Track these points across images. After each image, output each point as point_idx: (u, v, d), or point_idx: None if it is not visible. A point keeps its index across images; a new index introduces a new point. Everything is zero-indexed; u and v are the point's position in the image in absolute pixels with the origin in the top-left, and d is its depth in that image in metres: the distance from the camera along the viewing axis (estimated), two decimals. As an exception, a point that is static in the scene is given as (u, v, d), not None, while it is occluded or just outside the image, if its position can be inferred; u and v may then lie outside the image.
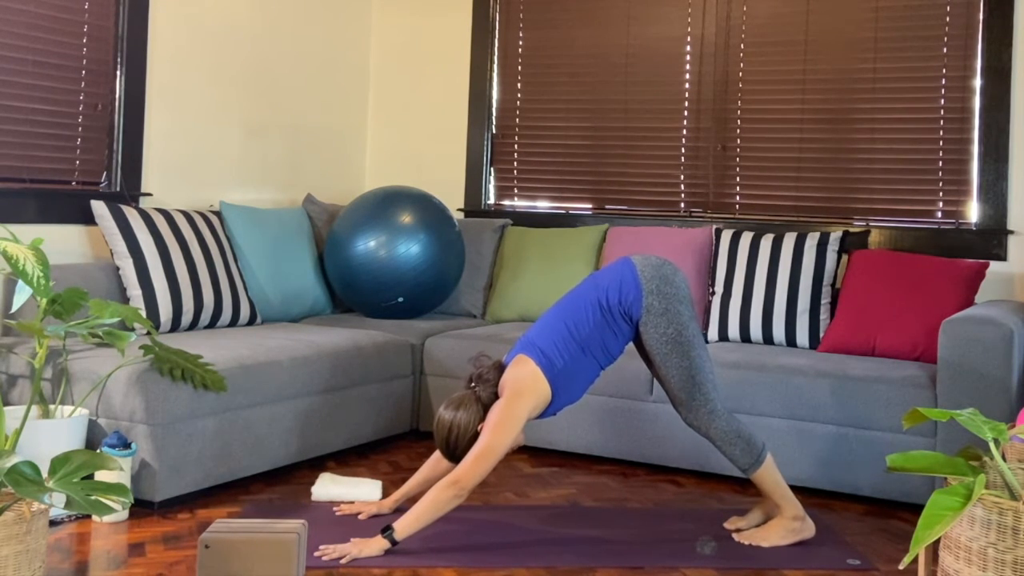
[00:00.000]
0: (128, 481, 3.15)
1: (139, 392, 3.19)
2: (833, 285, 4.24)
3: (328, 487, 3.44)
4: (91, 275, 3.81)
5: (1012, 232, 4.24)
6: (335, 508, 3.31)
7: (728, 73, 4.80)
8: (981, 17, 4.31)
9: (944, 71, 4.39)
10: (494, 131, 5.36)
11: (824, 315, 4.17)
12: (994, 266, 4.23)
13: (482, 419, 3.04)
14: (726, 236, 4.43)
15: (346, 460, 3.97)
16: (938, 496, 2.13)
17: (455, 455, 3.05)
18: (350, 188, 5.51)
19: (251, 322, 4.29)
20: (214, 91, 4.66)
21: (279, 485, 3.59)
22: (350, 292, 4.59)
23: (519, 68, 5.29)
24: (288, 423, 3.66)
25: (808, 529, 3.13)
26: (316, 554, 2.84)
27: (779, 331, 4.17)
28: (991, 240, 4.26)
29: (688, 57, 4.90)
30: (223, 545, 2.54)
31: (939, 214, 4.40)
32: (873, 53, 4.52)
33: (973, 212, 4.33)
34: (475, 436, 3.02)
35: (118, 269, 3.86)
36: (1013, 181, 4.25)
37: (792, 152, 4.66)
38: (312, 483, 3.54)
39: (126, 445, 3.14)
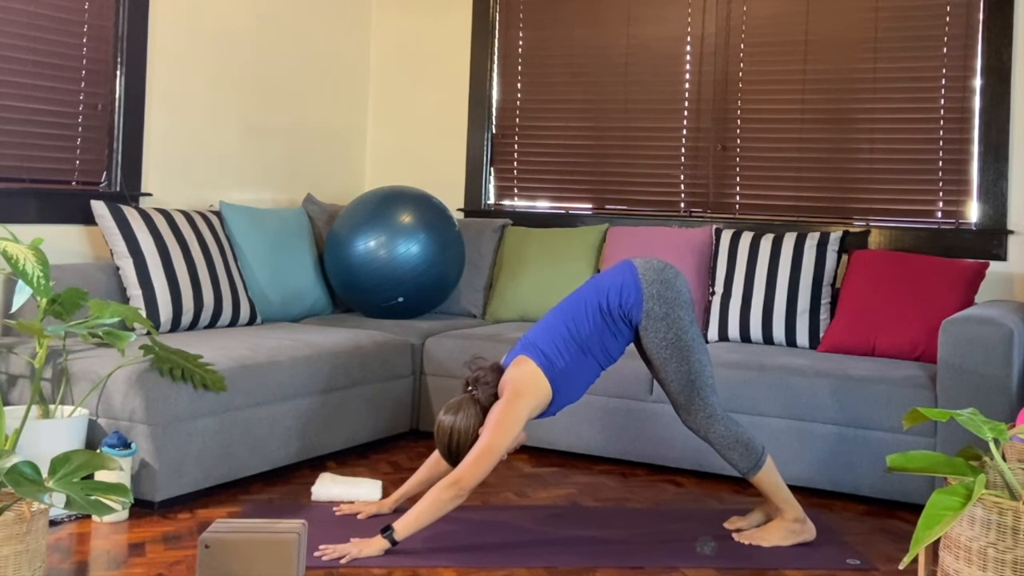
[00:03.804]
0: (128, 481, 3.15)
1: (139, 392, 3.19)
2: (833, 285, 4.24)
3: (328, 487, 3.43)
4: (91, 275, 3.81)
5: (1012, 232, 4.24)
6: (335, 508, 3.31)
7: (728, 73, 4.80)
8: (981, 17, 4.31)
9: (944, 71, 4.39)
10: (494, 131, 5.36)
11: (824, 315, 4.17)
12: (994, 266, 4.23)
13: (482, 422, 3.04)
14: (726, 236, 4.43)
15: (346, 460, 3.97)
16: (938, 496, 2.13)
17: (458, 460, 3.04)
18: (350, 188, 5.51)
19: (251, 322, 4.29)
20: (214, 91, 4.66)
21: (279, 485, 3.59)
22: (350, 292, 4.59)
23: (519, 68, 5.29)
24: (288, 423, 3.66)
25: (808, 531, 3.13)
26: (316, 554, 2.84)
27: (779, 331, 4.17)
28: (991, 240, 4.26)
29: (688, 57, 4.90)
30: (223, 545, 2.54)
31: (939, 214, 4.40)
32: (873, 53, 4.52)
33: (973, 212, 4.33)
34: (476, 439, 3.01)
35: (118, 269, 3.87)
36: (1013, 181, 4.25)
37: (792, 152, 4.66)
38: (312, 483, 3.54)
39: (126, 445, 3.14)
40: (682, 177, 4.91)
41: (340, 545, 2.87)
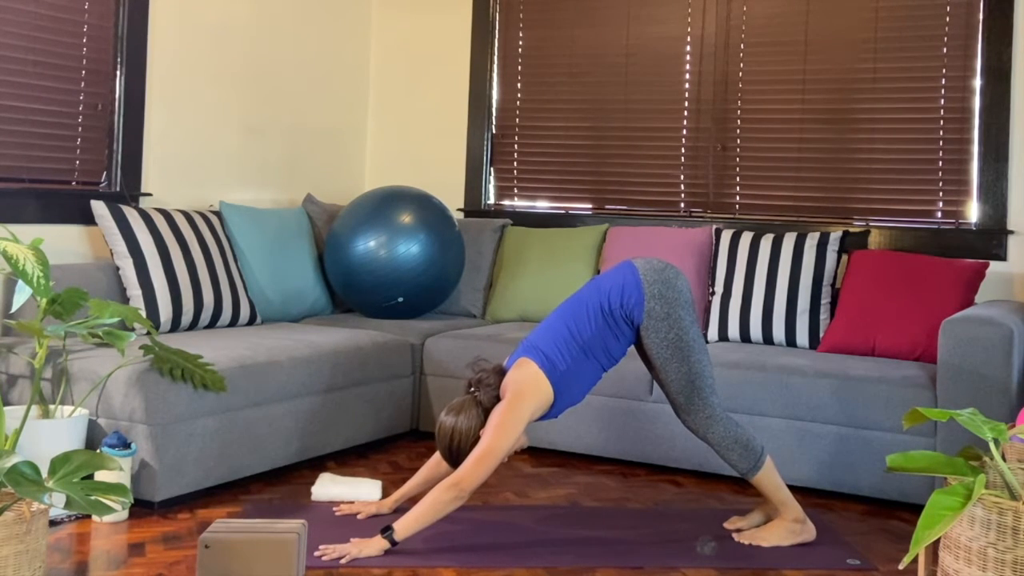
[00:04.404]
0: (128, 481, 3.15)
1: (139, 392, 3.19)
2: (833, 285, 4.24)
3: (328, 487, 3.44)
4: (91, 275, 3.81)
5: (1012, 232, 4.24)
6: (335, 508, 3.31)
7: (728, 73, 4.80)
8: (981, 17, 4.31)
9: (944, 71, 4.39)
10: (494, 131, 5.36)
11: (824, 315, 4.17)
12: (994, 266, 4.23)
13: (484, 423, 3.04)
14: (726, 236, 4.43)
15: (346, 460, 3.97)
16: (938, 496, 2.13)
17: (458, 461, 3.04)
18: (350, 188, 5.51)
19: (251, 322, 4.29)
20: (214, 91, 4.66)
21: (279, 485, 3.59)
22: (350, 292, 4.59)
23: (519, 68, 5.29)
24: (288, 423, 3.66)
25: (808, 532, 3.13)
26: (316, 554, 2.84)
27: (779, 331, 4.17)
28: (991, 240, 4.26)
29: (688, 57, 4.90)
30: (223, 545, 2.54)
31: (939, 214, 4.40)
32: (873, 53, 4.52)
33: (973, 212, 4.33)
34: (477, 441, 3.01)
35: (118, 269, 3.87)
36: (1013, 181, 4.25)
37: (792, 152, 4.66)
38: (312, 483, 3.54)
39: (126, 445, 3.14)
40: (682, 177, 4.91)
41: (340, 545, 2.87)
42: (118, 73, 4.21)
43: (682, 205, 4.90)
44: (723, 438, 3.09)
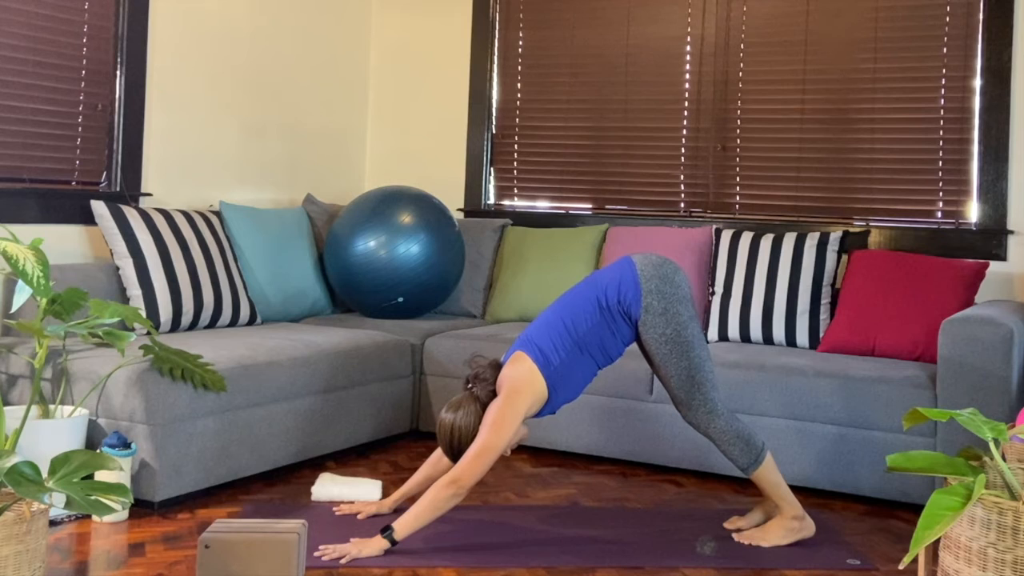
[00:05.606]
0: (128, 481, 3.15)
1: (139, 392, 3.19)
2: (833, 285, 4.24)
3: (328, 487, 3.44)
4: (91, 275, 3.81)
5: (1012, 232, 4.24)
6: (335, 508, 3.31)
7: (728, 73, 4.80)
8: (981, 17, 4.31)
9: (944, 71, 4.39)
10: (494, 131, 5.36)
11: (824, 315, 4.17)
12: (994, 266, 4.23)
13: (482, 418, 3.04)
14: (726, 236, 4.43)
15: (346, 460, 3.97)
16: (938, 496, 2.13)
17: (459, 457, 3.04)
18: (350, 188, 5.51)
19: (251, 322, 4.29)
20: (214, 91, 4.66)
21: (279, 485, 3.59)
22: (350, 292, 4.59)
23: (519, 68, 5.29)
24: (288, 423, 3.66)
25: (808, 528, 3.13)
26: (316, 554, 2.84)
27: (779, 331, 4.17)
28: (991, 240, 4.26)
29: (688, 57, 4.90)
30: (223, 545, 2.54)
31: (939, 214, 4.40)
32: (873, 53, 4.52)
33: (973, 212, 4.33)
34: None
35: (118, 269, 3.87)
36: (1013, 181, 4.25)
37: (792, 152, 4.66)
38: (312, 483, 3.54)
39: (126, 445, 3.14)
40: (682, 177, 4.91)
41: (340, 545, 2.87)
42: (118, 73, 4.21)
43: (682, 205, 4.90)
44: (724, 433, 3.10)
